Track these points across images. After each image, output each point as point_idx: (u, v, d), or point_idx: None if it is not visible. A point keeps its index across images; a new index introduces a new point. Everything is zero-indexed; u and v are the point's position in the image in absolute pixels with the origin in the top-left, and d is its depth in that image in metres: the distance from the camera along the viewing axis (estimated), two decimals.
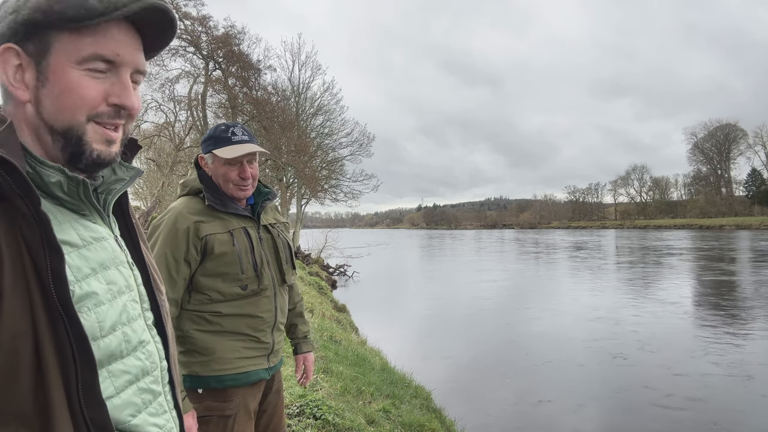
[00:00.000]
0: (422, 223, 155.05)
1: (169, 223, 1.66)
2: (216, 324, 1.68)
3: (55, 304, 0.61)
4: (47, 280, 0.61)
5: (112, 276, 0.74)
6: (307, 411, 3.60)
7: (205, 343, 1.66)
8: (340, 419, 3.59)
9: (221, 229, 1.70)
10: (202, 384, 1.66)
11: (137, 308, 0.79)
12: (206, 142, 1.77)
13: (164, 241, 1.64)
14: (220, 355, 1.66)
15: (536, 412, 6.43)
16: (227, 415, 1.68)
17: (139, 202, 23.93)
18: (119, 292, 0.74)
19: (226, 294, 1.68)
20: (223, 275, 1.67)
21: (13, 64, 0.68)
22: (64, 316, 0.62)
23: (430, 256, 37.11)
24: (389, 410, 4.43)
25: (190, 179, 1.79)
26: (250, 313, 1.72)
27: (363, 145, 28.79)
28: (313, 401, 3.73)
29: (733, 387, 7.09)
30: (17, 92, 0.68)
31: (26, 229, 0.61)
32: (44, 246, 0.62)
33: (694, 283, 17.62)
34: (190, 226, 1.66)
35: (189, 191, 1.77)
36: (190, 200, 1.74)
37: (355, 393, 4.59)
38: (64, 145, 0.70)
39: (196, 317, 1.68)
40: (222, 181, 1.74)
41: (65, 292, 0.63)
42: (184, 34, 20.50)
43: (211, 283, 1.67)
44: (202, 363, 1.66)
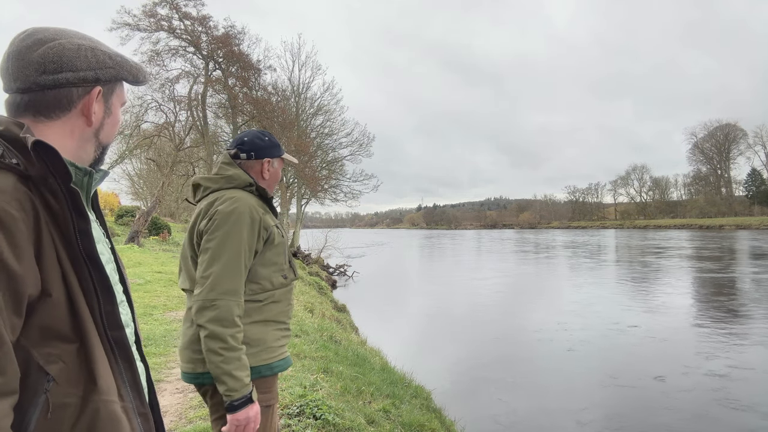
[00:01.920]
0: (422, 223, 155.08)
1: (245, 213, 1.69)
2: (266, 313, 1.74)
3: (81, 256, 0.84)
4: (75, 238, 0.84)
5: (101, 248, 0.96)
6: (307, 411, 3.60)
7: (256, 333, 1.70)
8: (340, 419, 3.59)
9: (272, 222, 1.80)
10: (254, 374, 1.67)
11: (116, 276, 1.01)
12: (276, 147, 1.92)
13: (242, 230, 1.66)
14: (270, 344, 1.72)
15: (536, 411, 6.43)
16: (269, 405, 1.73)
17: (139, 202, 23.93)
18: (107, 261, 0.98)
19: (275, 283, 1.77)
20: (274, 265, 1.77)
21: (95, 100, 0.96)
22: (89, 264, 0.85)
23: (429, 256, 37.11)
24: (389, 410, 4.43)
25: (239, 173, 1.81)
26: (287, 300, 1.83)
27: (363, 145, 28.82)
28: (313, 401, 3.74)
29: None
30: (93, 117, 0.95)
31: (53, 201, 0.83)
32: (72, 212, 0.84)
33: (692, 281, 17.62)
34: (261, 218, 1.73)
35: (238, 184, 1.80)
36: (246, 193, 1.78)
37: (355, 393, 4.59)
38: (100, 154, 1.00)
39: (247, 308, 1.70)
40: (273, 183, 1.92)
41: (92, 246, 0.86)
42: (184, 35, 20.50)
43: (266, 272, 1.74)
44: (253, 354, 1.68)
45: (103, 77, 0.94)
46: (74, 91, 0.92)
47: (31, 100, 0.90)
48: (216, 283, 1.58)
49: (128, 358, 0.91)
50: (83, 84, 0.92)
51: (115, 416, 0.86)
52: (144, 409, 0.94)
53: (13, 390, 0.75)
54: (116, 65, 0.96)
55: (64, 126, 0.92)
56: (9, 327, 0.75)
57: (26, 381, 0.79)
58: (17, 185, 0.79)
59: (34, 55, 0.89)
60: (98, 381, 0.84)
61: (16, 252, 0.76)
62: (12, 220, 0.76)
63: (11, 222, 0.76)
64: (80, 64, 0.91)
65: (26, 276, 0.77)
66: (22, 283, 0.77)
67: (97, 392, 0.83)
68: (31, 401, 0.79)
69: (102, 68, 0.94)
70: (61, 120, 0.92)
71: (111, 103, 0.98)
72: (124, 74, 0.98)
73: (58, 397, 0.81)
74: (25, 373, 0.79)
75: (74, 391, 0.83)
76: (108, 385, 0.86)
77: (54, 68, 0.89)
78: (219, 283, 1.58)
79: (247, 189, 1.80)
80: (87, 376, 0.83)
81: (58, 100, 0.90)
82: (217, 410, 1.70)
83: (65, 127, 0.93)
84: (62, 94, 0.91)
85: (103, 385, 0.84)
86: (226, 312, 1.56)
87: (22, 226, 0.77)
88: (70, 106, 0.92)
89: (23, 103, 0.90)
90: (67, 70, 0.90)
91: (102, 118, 0.97)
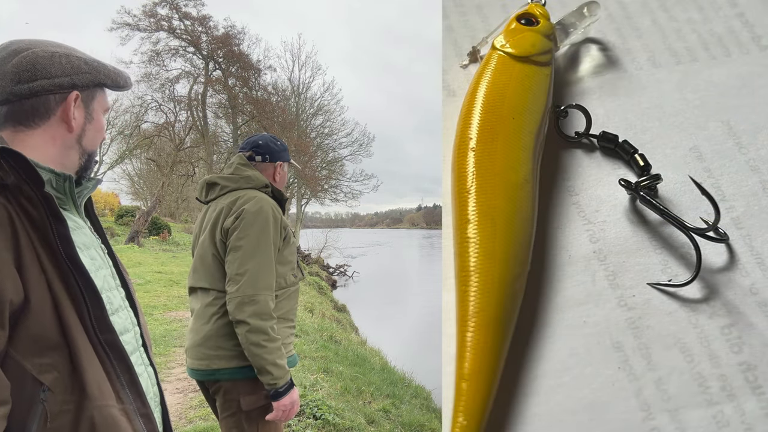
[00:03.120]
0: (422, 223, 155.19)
1: (270, 213, 1.76)
2: (279, 309, 1.77)
3: (63, 261, 0.83)
4: (55, 244, 0.83)
5: (92, 254, 0.96)
6: (307, 411, 3.60)
7: None
8: (340, 419, 3.60)
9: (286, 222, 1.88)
10: None
11: (113, 282, 1.01)
12: (286, 151, 2.01)
13: (270, 228, 1.74)
14: (282, 341, 1.75)
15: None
16: None
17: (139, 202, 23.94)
18: (99, 267, 0.97)
19: (288, 281, 1.82)
20: (288, 263, 1.83)
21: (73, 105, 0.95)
22: (72, 268, 0.84)
23: (429, 256, 37.11)
24: (389, 410, 4.44)
25: (256, 174, 1.88)
26: (295, 299, 1.88)
27: (363, 145, 28.82)
28: (313, 401, 3.74)
29: None
30: (73, 123, 0.95)
31: (31, 208, 0.82)
32: (49, 218, 0.82)
33: None
34: (281, 217, 1.81)
35: (255, 185, 1.86)
36: (263, 193, 1.85)
37: (355, 393, 4.59)
38: (86, 161, 0.99)
39: None
40: (282, 185, 2.00)
41: (72, 250, 0.84)
42: (184, 35, 20.53)
43: (282, 270, 1.80)
44: None
45: (79, 82, 0.95)
46: (51, 98, 0.92)
47: (9, 111, 0.91)
48: (254, 279, 1.65)
49: (124, 360, 0.92)
50: (59, 90, 0.92)
51: (113, 419, 0.87)
52: (146, 409, 0.95)
53: (3, 400, 0.76)
54: (92, 70, 0.97)
55: (45, 134, 0.93)
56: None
57: (22, 392, 0.79)
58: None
59: (8, 66, 0.90)
60: (87, 388, 0.84)
61: None
62: None
63: None
64: (54, 71, 0.91)
65: (4, 284, 0.77)
66: (1, 292, 0.76)
67: (88, 398, 0.84)
68: (30, 411, 0.80)
69: (77, 73, 0.94)
70: (41, 128, 0.92)
71: (92, 109, 0.98)
72: (101, 78, 0.98)
73: (54, 405, 0.81)
74: (21, 385, 0.79)
75: (70, 398, 0.83)
76: (102, 390, 0.86)
77: (28, 77, 0.89)
78: (257, 279, 1.66)
79: (263, 190, 1.86)
80: (79, 383, 0.84)
81: (36, 108, 0.91)
82: (229, 407, 1.71)
83: (46, 135, 0.93)
84: (39, 102, 0.91)
85: (93, 391, 0.84)
86: (265, 306, 1.65)
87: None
88: (49, 113, 0.92)
89: (2, 115, 0.91)
90: (41, 78, 0.90)
91: (83, 124, 0.97)
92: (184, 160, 20.71)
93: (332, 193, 28.45)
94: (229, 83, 21.41)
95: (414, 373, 6.39)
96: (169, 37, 20.59)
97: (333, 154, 28.81)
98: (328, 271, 21.72)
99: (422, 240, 66.67)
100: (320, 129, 28.64)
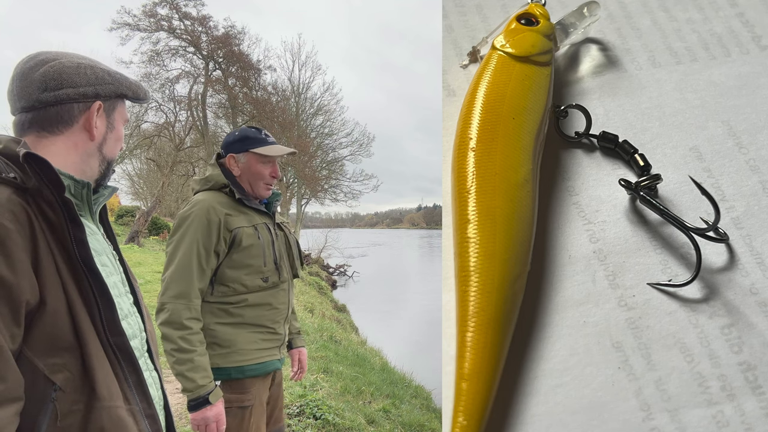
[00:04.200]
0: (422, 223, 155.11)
1: (200, 215, 1.70)
2: (237, 316, 1.73)
3: (79, 265, 0.86)
4: (72, 248, 0.85)
5: (104, 260, 0.98)
6: (307, 411, 3.61)
7: (226, 335, 1.72)
8: (340, 419, 3.60)
9: (247, 223, 1.77)
10: (223, 375, 1.71)
11: (122, 288, 1.04)
12: (241, 141, 1.86)
13: (195, 233, 1.68)
14: (241, 346, 1.72)
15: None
16: (245, 406, 1.74)
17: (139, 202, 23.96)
18: (110, 273, 0.99)
19: (249, 286, 1.75)
20: (247, 267, 1.75)
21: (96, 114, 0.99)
22: (87, 272, 0.86)
23: (430, 256, 37.10)
24: (389, 410, 4.44)
25: (215, 174, 1.83)
26: (269, 304, 1.80)
27: (363, 145, 28.79)
28: (313, 401, 3.74)
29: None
30: (95, 131, 0.98)
31: (50, 212, 0.85)
32: (68, 222, 0.85)
33: None
34: (221, 219, 1.71)
35: (212, 186, 1.82)
36: (215, 194, 1.79)
37: (355, 393, 4.60)
38: (105, 169, 1.03)
39: (217, 310, 1.73)
40: (253, 180, 1.84)
41: (88, 254, 0.87)
42: (184, 35, 20.53)
43: (236, 275, 1.73)
44: (222, 355, 1.71)
45: (102, 93, 0.99)
46: (75, 107, 0.97)
47: (34, 118, 0.95)
48: (167, 288, 1.64)
49: (132, 362, 0.95)
50: (83, 99, 0.97)
51: (120, 420, 0.90)
52: (151, 410, 0.97)
53: (15, 397, 0.78)
54: (115, 81, 1.02)
55: (67, 140, 0.97)
56: (8, 336, 0.79)
57: (34, 391, 0.82)
58: (12, 197, 0.83)
59: (36, 74, 0.94)
60: (97, 388, 0.87)
61: (9, 262, 0.78)
62: (4, 231, 0.79)
63: (3, 233, 0.79)
64: (80, 81, 0.97)
65: (21, 285, 0.80)
66: (17, 291, 0.79)
67: (97, 399, 0.87)
68: (40, 409, 0.83)
69: (101, 84, 0.99)
70: (64, 135, 0.96)
71: (113, 119, 1.03)
72: (123, 90, 1.03)
73: (65, 404, 0.84)
74: (33, 384, 0.82)
75: (80, 398, 0.86)
76: (110, 391, 0.89)
77: (55, 85, 0.94)
78: (169, 287, 1.64)
79: (223, 190, 1.80)
80: (89, 384, 0.87)
81: (60, 115, 0.96)
82: None
83: (68, 142, 0.97)
84: (64, 110, 0.96)
85: (102, 391, 0.87)
86: (175, 315, 1.61)
87: (16, 236, 0.80)
88: (72, 121, 0.97)
89: (27, 121, 0.95)
90: (67, 86, 0.95)
91: (104, 132, 1.01)
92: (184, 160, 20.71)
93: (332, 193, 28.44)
94: (229, 83, 21.40)
95: (414, 373, 6.39)
96: (169, 37, 20.60)
97: (333, 154, 28.81)
98: (328, 271, 21.71)
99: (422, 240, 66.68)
100: (320, 129, 28.63)
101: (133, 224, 17.11)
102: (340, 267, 22.67)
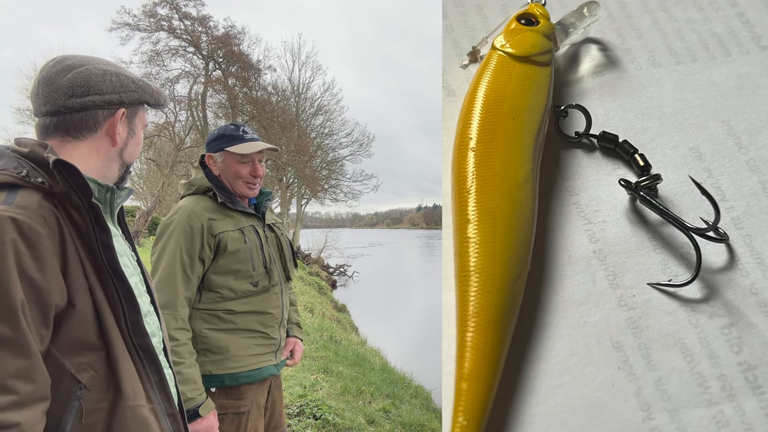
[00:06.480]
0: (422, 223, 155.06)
1: (182, 222, 1.65)
2: (229, 322, 1.69)
3: (105, 268, 0.88)
4: (98, 252, 0.88)
5: (125, 261, 1.00)
6: (307, 411, 3.61)
7: (218, 341, 1.67)
8: (340, 419, 3.60)
9: (232, 226, 1.72)
10: (216, 382, 1.67)
11: (142, 288, 1.06)
12: (217, 140, 1.79)
13: (178, 240, 1.64)
14: (234, 352, 1.68)
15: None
16: (241, 412, 1.70)
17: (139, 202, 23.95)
18: (131, 274, 1.01)
19: (238, 291, 1.70)
20: (235, 272, 1.70)
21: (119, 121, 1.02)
22: (113, 275, 0.89)
23: (430, 256, 37.09)
24: (389, 410, 4.44)
25: (197, 178, 1.78)
26: (261, 309, 1.74)
27: (363, 145, 28.78)
28: (313, 401, 3.74)
29: None
30: (117, 137, 1.01)
31: (77, 216, 0.88)
32: (94, 227, 0.88)
33: None
34: (204, 224, 1.66)
35: (196, 190, 1.77)
36: (198, 199, 1.74)
37: (355, 393, 4.60)
38: (124, 172, 1.06)
39: (207, 316, 1.69)
40: (232, 179, 1.77)
41: (114, 258, 0.90)
42: (184, 35, 20.54)
43: (223, 280, 1.69)
44: (215, 362, 1.67)
45: (126, 100, 1.02)
46: (100, 113, 0.99)
47: (59, 122, 0.97)
48: None
49: (155, 362, 0.97)
50: (108, 106, 1.00)
51: (144, 419, 0.93)
52: (172, 409, 1.00)
53: (43, 397, 0.81)
54: (139, 89, 1.05)
55: (91, 146, 1.00)
56: (38, 338, 0.81)
57: (60, 389, 0.85)
58: (42, 202, 0.85)
59: (62, 80, 0.96)
60: (122, 388, 0.89)
61: (40, 265, 0.81)
62: (36, 236, 0.82)
63: (36, 237, 0.82)
64: (106, 88, 0.99)
65: (51, 288, 0.82)
66: (47, 295, 0.82)
67: (122, 398, 0.90)
68: (66, 407, 0.85)
69: (126, 91, 1.02)
70: (87, 140, 0.99)
71: (134, 125, 1.06)
72: (146, 97, 1.06)
73: (90, 402, 0.87)
74: (59, 382, 0.85)
75: (105, 397, 0.89)
76: (134, 391, 0.92)
77: (82, 92, 0.96)
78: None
79: (207, 194, 1.75)
80: (114, 383, 0.90)
81: (85, 121, 0.98)
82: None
83: (92, 147, 1.00)
84: (89, 116, 0.98)
85: (128, 391, 0.90)
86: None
87: (47, 240, 0.83)
88: (96, 127, 0.99)
89: (52, 125, 0.97)
90: (93, 94, 0.97)
91: (126, 138, 1.04)
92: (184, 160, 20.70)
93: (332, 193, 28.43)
94: (229, 83, 21.41)
95: (414, 373, 6.38)
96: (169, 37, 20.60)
97: (333, 154, 28.81)
98: (328, 271, 21.70)
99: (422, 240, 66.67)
100: (320, 129, 28.62)
101: (132, 224, 17.11)
102: (340, 267, 22.65)
